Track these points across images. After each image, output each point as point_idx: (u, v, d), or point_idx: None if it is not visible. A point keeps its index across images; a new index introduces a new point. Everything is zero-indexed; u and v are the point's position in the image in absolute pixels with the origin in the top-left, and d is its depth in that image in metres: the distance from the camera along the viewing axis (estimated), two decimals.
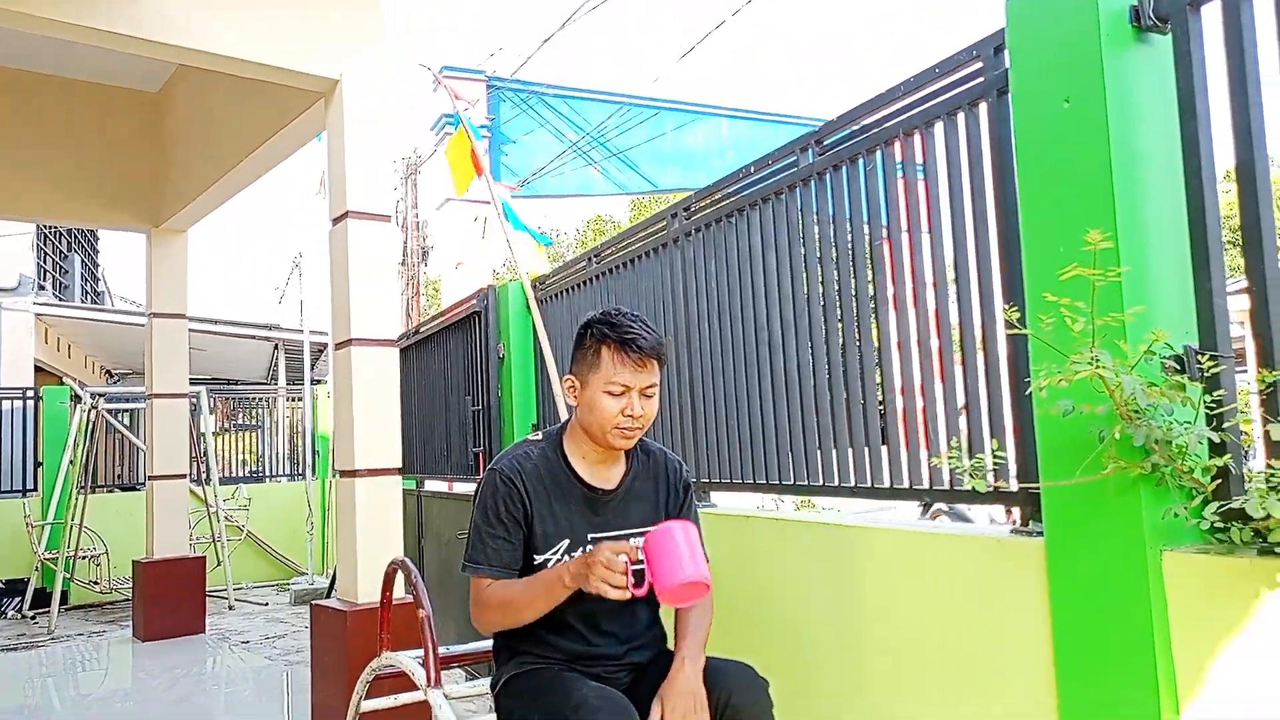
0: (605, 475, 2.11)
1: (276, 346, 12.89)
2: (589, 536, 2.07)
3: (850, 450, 2.53)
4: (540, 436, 2.17)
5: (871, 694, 2.32)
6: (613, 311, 2.09)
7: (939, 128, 2.26)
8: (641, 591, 1.84)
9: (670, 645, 2.12)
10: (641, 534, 2.10)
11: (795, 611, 2.58)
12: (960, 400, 2.19)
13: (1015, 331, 1.66)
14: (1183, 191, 1.76)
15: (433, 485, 5.87)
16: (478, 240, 13.56)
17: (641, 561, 1.87)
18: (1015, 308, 1.69)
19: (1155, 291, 1.70)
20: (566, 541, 2.05)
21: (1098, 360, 1.46)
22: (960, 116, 2.19)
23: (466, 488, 5.25)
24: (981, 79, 2.12)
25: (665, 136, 11.55)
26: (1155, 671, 1.61)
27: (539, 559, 2.05)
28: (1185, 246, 1.76)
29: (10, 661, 6.30)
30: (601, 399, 2.01)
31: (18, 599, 8.20)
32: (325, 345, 11.35)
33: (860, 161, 2.51)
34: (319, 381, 10.86)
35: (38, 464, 9.19)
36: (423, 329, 6.02)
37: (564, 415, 3.99)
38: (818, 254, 2.68)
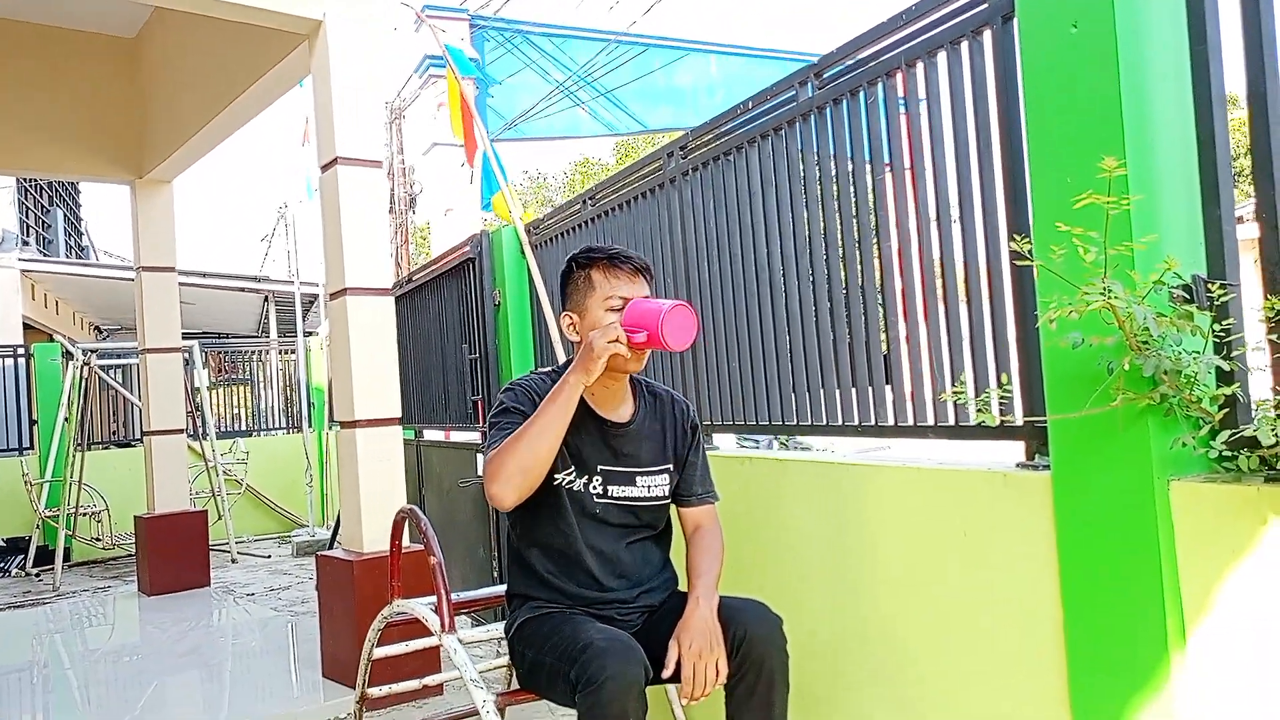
0: (617, 411, 2.13)
1: (266, 298, 12.81)
2: (598, 468, 2.08)
3: (854, 389, 2.53)
4: (550, 369, 2.18)
5: (876, 631, 2.35)
6: (590, 246, 2.18)
7: (942, 57, 2.21)
8: (642, 343, 1.95)
9: (682, 587, 2.14)
10: (649, 473, 2.11)
11: (798, 551, 2.60)
12: (965, 336, 2.18)
13: (1026, 263, 1.64)
14: (1192, 118, 1.73)
15: (432, 435, 5.88)
16: (466, 185, 13.40)
17: (636, 333, 1.97)
18: (1026, 239, 1.67)
19: (1164, 220, 1.68)
20: (575, 467, 2.07)
21: (1110, 290, 1.44)
22: (964, 45, 2.14)
23: (466, 436, 5.26)
24: (986, 5, 2.07)
25: (654, 75, 11.36)
26: (1162, 599, 1.63)
27: (556, 479, 2.05)
28: (1194, 174, 1.73)
29: (19, 618, 6.35)
30: (604, 318, 2.03)
31: (20, 556, 8.25)
32: (316, 296, 11.27)
33: (861, 94, 2.46)
34: (311, 333, 10.80)
35: (33, 422, 9.17)
36: (415, 277, 5.97)
37: (563, 360, 3.98)
38: (818, 190, 2.65)
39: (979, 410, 1.98)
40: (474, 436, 5.00)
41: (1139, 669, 1.67)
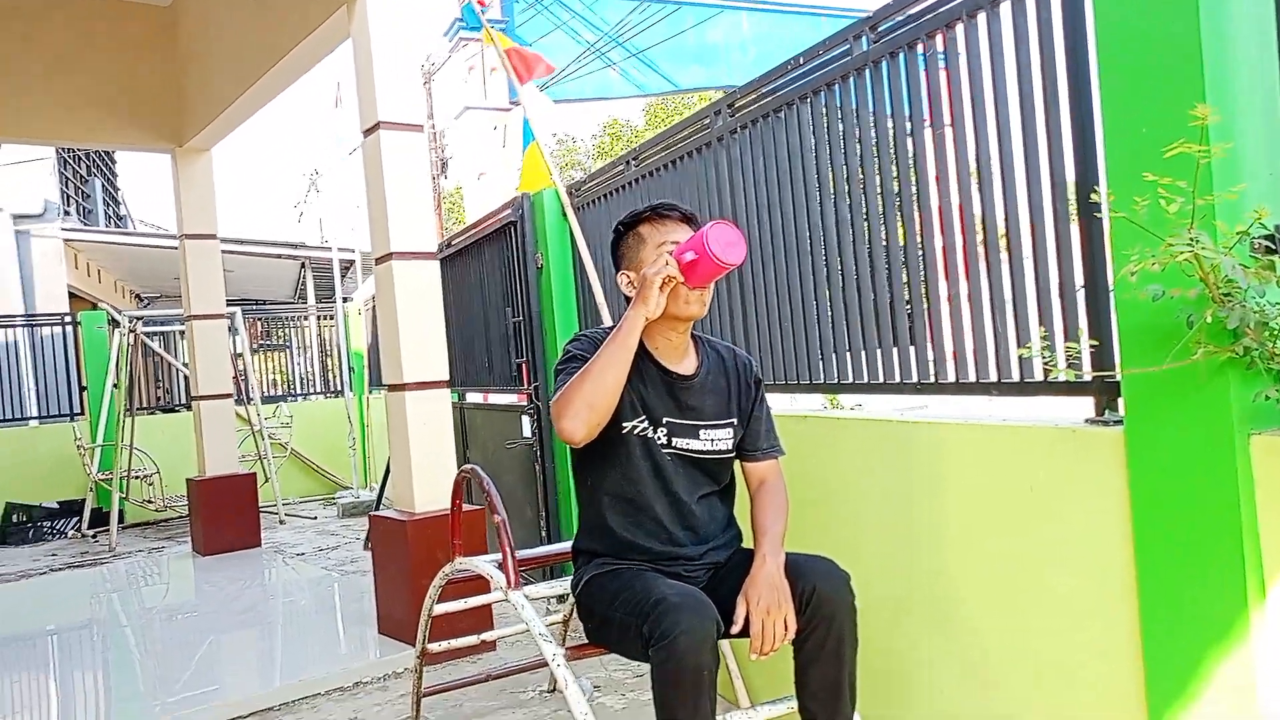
0: (680, 363, 2.14)
1: (303, 265, 12.91)
2: (664, 419, 2.09)
3: (912, 347, 2.52)
4: (614, 325, 2.19)
5: (939, 589, 2.35)
6: (633, 209, 2.22)
7: (1006, 7, 2.17)
8: (693, 264, 1.97)
9: (747, 543, 2.15)
10: (713, 426, 2.12)
11: (857, 509, 2.61)
12: (1030, 288, 2.16)
13: (1114, 214, 1.61)
14: (1276, 63, 1.68)
15: (474, 397, 5.93)
16: (499, 149, 13.37)
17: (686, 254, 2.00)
18: (1110, 191, 1.64)
19: (1246, 170, 1.64)
20: (644, 417, 2.08)
21: (1197, 240, 1.42)
22: None
23: (509, 398, 5.29)
24: None
25: (685, 34, 11.22)
26: (1242, 554, 1.62)
27: (625, 427, 2.08)
28: (1276, 121, 1.69)
29: (78, 578, 6.55)
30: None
31: (75, 519, 8.47)
32: (352, 262, 11.35)
33: (919, 48, 2.41)
34: (348, 299, 10.90)
35: (82, 388, 9.36)
36: (455, 241, 5.98)
37: (608, 322, 3.98)
38: (873, 146, 2.61)
39: (1049, 366, 1.96)
40: (518, 399, 5.03)
41: (1216, 626, 1.67)
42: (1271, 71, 1.69)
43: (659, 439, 2.11)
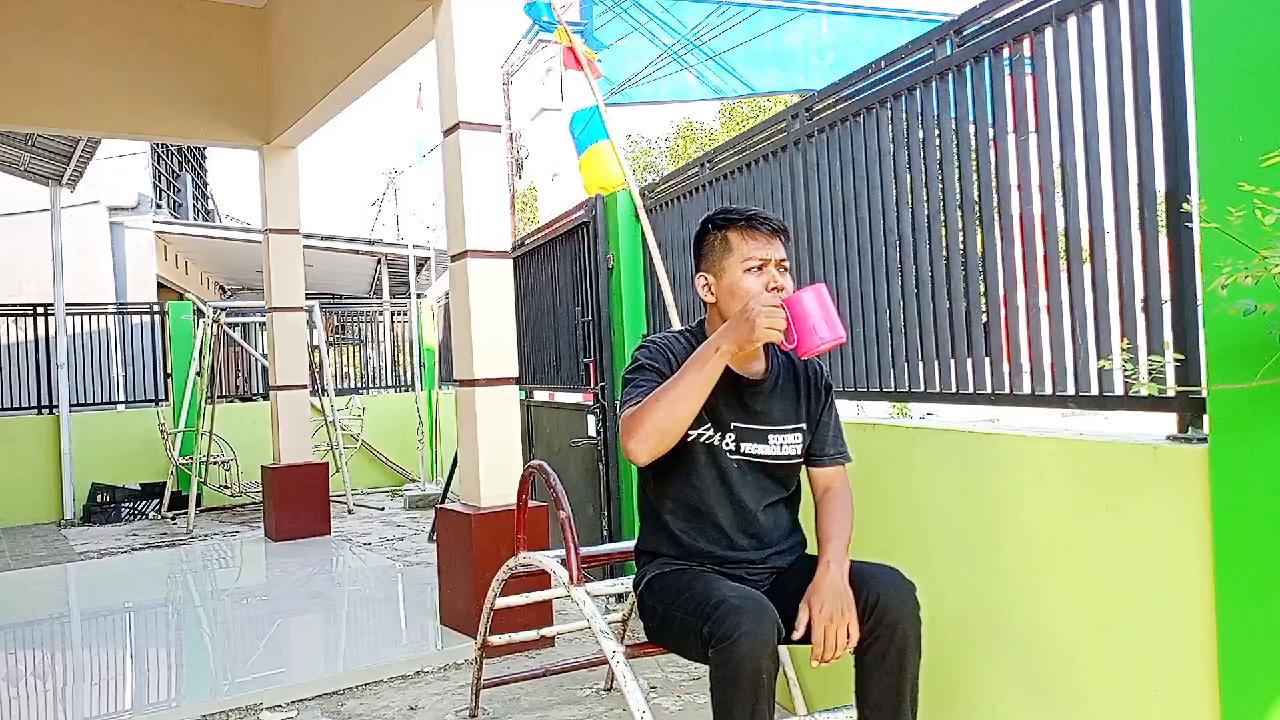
0: (748, 369, 2.13)
1: (379, 261, 13.20)
2: (731, 424, 2.09)
3: (988, 356, 2.46)
4: (686, 329, 2.19)
5: (1007, 604, 2.30)
6: (725, 207, 2.18)
7: (1098, 10, 2.11)
8: (800, 345, 1.91)
9: (811, 550, 2.14)
10: (782, 431, 2.11)
11: (926, 520, 2.56)
12: (1113, 300, 2.10)
13: (1205, 225, 1.56)
14: None
15: (542, 396, 6.00)
16: (572, 151, 13.49)
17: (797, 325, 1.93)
18: (1202, 201, 1.58)
19: None
20: (711, 424, 2.07)
21: None
22: None
23: (575, 397, 5.33)
24: None
25: (763, 37, 11.15)
26: None
27: (691, 434, 2.06)
28: None
29: (156, 558, 6.79)
30: (743, 280, 2.04)
31: (156, 501, 8.80)
32: (427, 259, 11.56)
33: (1005, 52, 2.37)
34: (421, 295, 11.10)
35: (167, 375, 9.72)
36: (528, 240, 6.06)
37: (677, 325, 3.99)
38: (954, 152, 2.57)
39: (1131, 380, 1.90)
40: (584, 398, 5.07)
41: None
42: None
43: (727, 446, 2.10)
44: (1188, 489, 1.83)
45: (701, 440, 2.08)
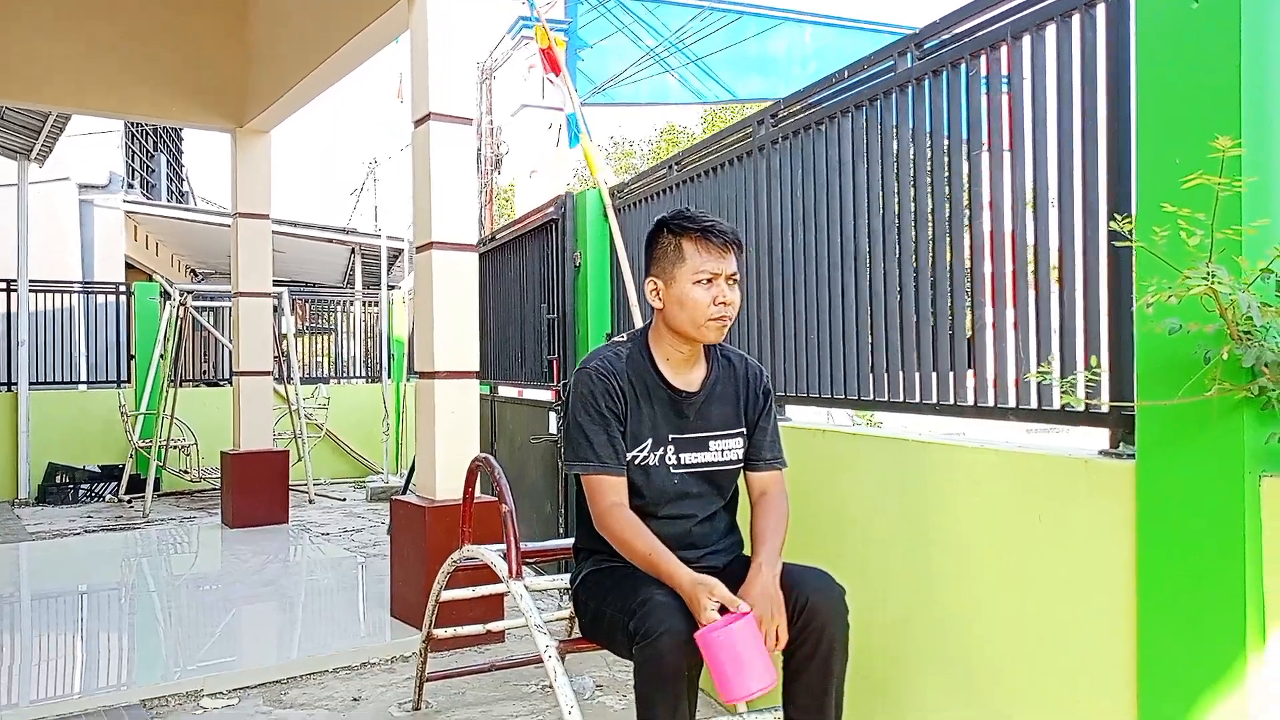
0: (688, 378, 2.14)
1: (353, 251, 13.13)
2: (670, 437, 2.10)
3: (935, 369, 2.49)
4: (625, 339, 2.19)
5: (940, 612, 2.33)
6: (683, 210, 2.16)
7: (1051, 30, 2.14)
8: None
9: (746, 552, 2.15)
10: (721, 436, 2.12)
11: (867, 526, 2.59)
12: (1054, 318, 2.13)
13: (1126, 244, 1.59)
14: None
15: (506, 391, 5.99)
16: (551, 148, 13.49)
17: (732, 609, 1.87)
18: (1127, 219, 1.61)
19: (1277, 206, 1.61)
20: (650, 440, 2.09)
21: (1214, 275, 1.39)
22: (1075, 18, 2.07)
23: (539, 394, 5.33)
24: None
25: (746, 43, 11.20)
26: (1243, 597, 1.59)
27: (629, 456, 2.08)
28: None
29: (111, 541, 6.71)
30: (691, 291, 2.04)
31: (114, 483, 8.69)
32: (401, 250, 11.51)
33: (963, 67, 2.40)
34: (394, 287, 11.05)
35: (130, 357, 9.61)
36: (499, 235, 6.05)
37: (639, 323, 4.00)
38: (911, 165, 2.60)
39: (1065, 393, 1.93)
40: (548, 395, 5.07)
41: (1212, 668, 1.63)
42: None
43: (668, 460, 2.12)
44: (1116, 502, 1.86)
45: (638, 463, 2.09)
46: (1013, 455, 2.15)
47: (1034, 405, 2.19)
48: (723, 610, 1.83)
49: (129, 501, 8.38)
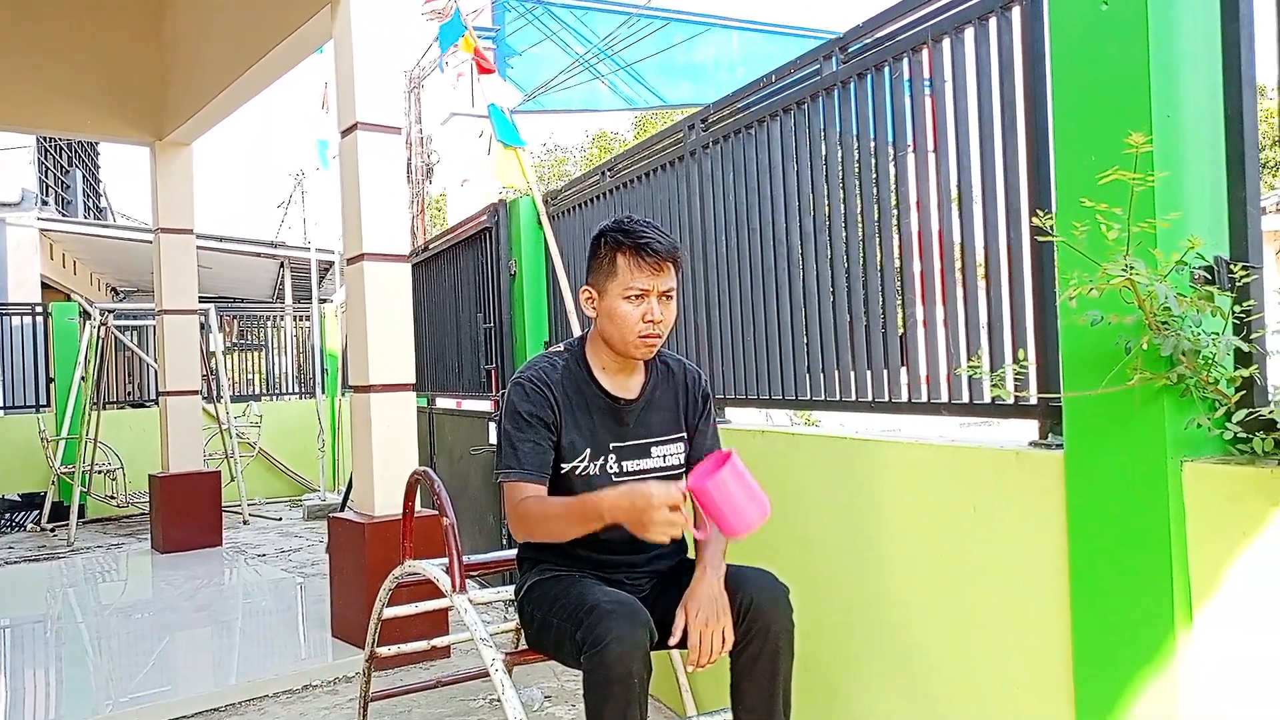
0: (626, 385, 2.13)
1: (282, 264, 12.85)
2: (610, 446, 2.09)
3: (869, 367, 2.53)
4: (562, 348, 2.17)
5: (883, 606, 2.36)
6: (625, 219, 2.11)
7: (969, 33, 2.20)
8: (703, 535, 1.91)
9: (690, 554, 2.15)
10: (662, 442, 2.12)
11: (809, 524, 2.62)
12: (982, 314, 2.18)
13: (1048, 239, 1.63)
14: (1221, 98, 1.71)
15: (444, 403, 5.92)
16: (483, 156, 13.38)
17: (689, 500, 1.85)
18: (1048, 215, 1.66)
19: (1189, 200, 1.67)
20: (589, 450, 2.07)
21: (1132, 268, 1.44)
22: (992, 21, 2.12)
23: (478, 405, 5.28)
24: None
25: (675, 49, 11.26)
26: (1170, 579, 1.64)
27: (565, 468, 2.07)
28: (1220, 155, 1.72)
29: (34, 572, 6.45)
30: (621, 306, 2.02)
31: (35, 512, 8.36)
32: (331, 264, 11.30)
33: (886, 70, 2.44)
34: (325, 300, 10.84)
35: (49, 380, 9.27)
36: (432, 245, 5.98)
37: (577, 331, 3.99)
38: (839, 167, 2.64)
39: (994, 386, 1.98)
40: (486, 405, 5.02)
41: (1143, 647, 1.68)
42: (1217, 108, 1.72)
43: (610, 469, 2.10)
44: (1047, 492, 1.91)
45: (579, 474, 2.08)
46: (946, 449, 2.20)
47: (966, 399, 2.24)
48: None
49: (52, 530, 8.07)
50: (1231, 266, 1.63)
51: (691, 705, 2.94)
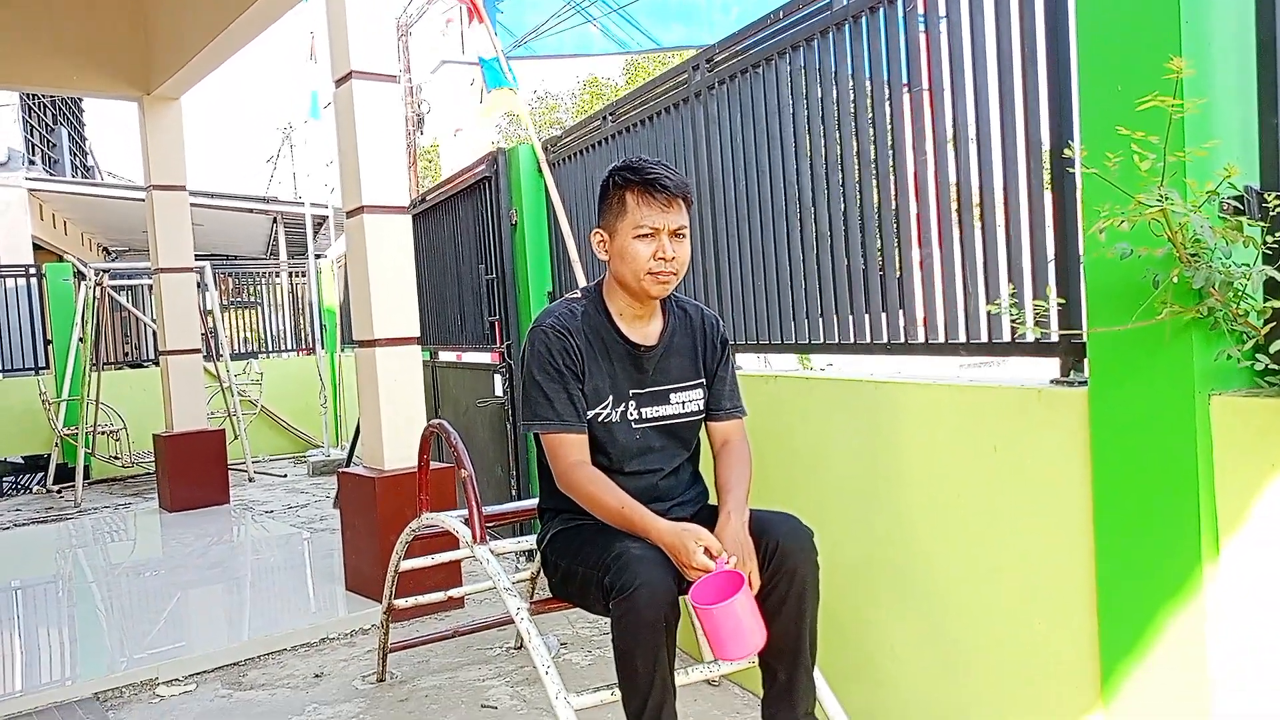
0: (644, 331, 2.11)
1: (275, 220, 12.72)
2: (631, 393, 2.08)
3: (884, 309, 2.51)
4: (580, 294, 2.15)
5: (902, 547, 2.37)
6: (633, 159, 2.10)
7: None
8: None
9: (712, 501, 2.15)
10: (682, 388, 2.11)
11: (824, 469, 2.61)
12: (1001, 251, 2.15)
13: (1085, 170, 1.60)
14: (1253, 22, 1.67)
15: (447, 356, 5.89)
16: (475, 105, 13.20)
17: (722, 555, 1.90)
18: (1082, 148, 1.62)
19: (1219, 128, 1.63)
20: (611, 398, 2.06)
21: (1167, 198, 1.41)
22: None
23: (481, 357, 5.26)
24: None
25: None
26: (1197, 512, 1.64)
27: (588, 414, 2.05)
28: (1250, 82, 1.68)
29: (43, 533, 6.48)
30: (632, 245, 2.00)
31: (40, 474, 8.38)
32: (325, 218, 11.18)
33: (900, 2, 2.38)
34: (320, 255, 10.75)
35: (47, 342, 9.22)
36: (429, 197, 5.90)
37: (582, 280, 3.95)
38: (850, 105, 2.58)
39: (1018, 322, 1.95)
40: (490, 357, 5.00)
41: (1170, 580, 1.69)
42: (1248, 30, 1.67)
43: (630, 416, 2.10)
44: (1070, 430, 1.90)
45: (601, 420, 2.07)
46: (966, 390, 2.18)
47: (984, 339, 2.22)
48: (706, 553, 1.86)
49: (59, 492, 8.09)
50: (1264, 196, 1.60)
51: (709, 651, 2.96)
